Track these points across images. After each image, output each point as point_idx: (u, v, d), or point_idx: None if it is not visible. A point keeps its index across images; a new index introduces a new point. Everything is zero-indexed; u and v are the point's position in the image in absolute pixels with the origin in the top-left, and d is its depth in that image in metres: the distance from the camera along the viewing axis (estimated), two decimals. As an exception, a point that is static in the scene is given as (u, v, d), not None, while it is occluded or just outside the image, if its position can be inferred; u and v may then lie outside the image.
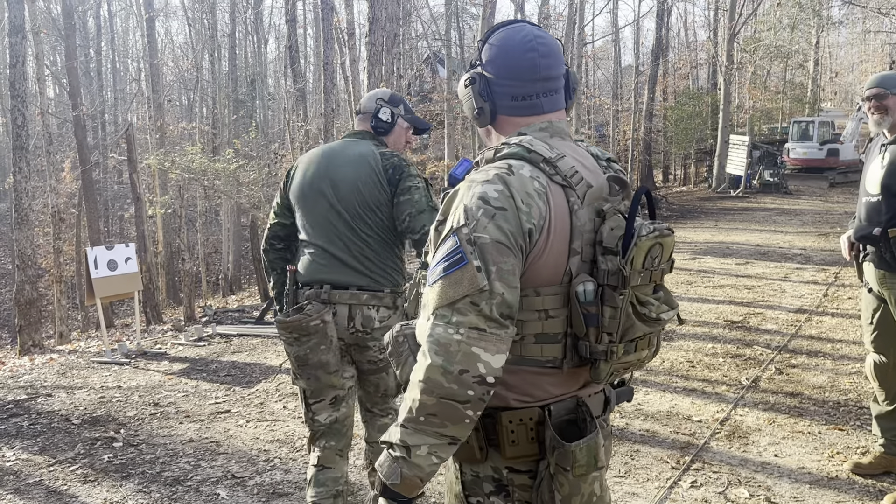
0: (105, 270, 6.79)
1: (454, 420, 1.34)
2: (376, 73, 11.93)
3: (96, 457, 4.16)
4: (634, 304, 1.41)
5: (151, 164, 15.81)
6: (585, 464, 1.39)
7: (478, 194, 1.38)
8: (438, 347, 1.33)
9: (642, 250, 1.39)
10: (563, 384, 1.48)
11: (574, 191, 1.42)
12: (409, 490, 1.39)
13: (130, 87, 31.33)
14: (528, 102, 1.52)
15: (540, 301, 1.41)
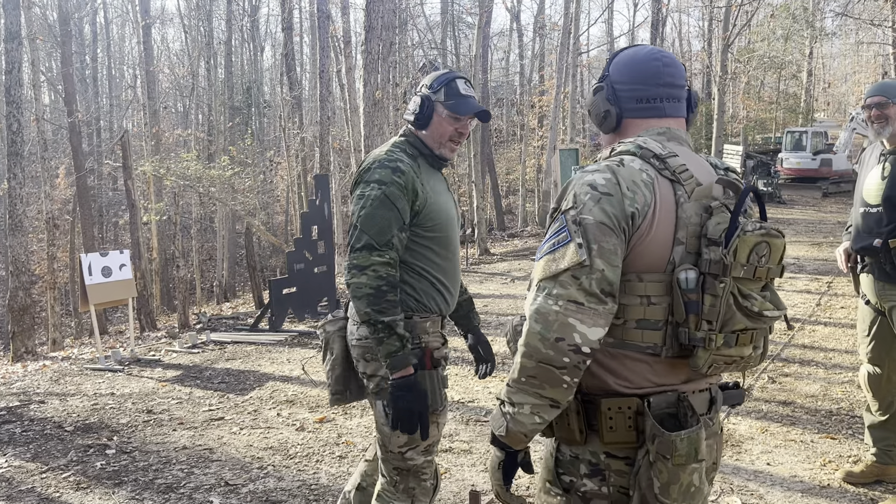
0: (99, 277, 6.79)
1: (552, 383, 1.46)
2: (372, 81, 11.97)
3: (89, 464, 4.15)
4: (736, 296, 1.46)
5: (147, 171, 15.81)
6: (685, 454, 1.44)
7: (587, 181, 1.50)
8: (538, 316, 1.45)
9: (747, 245, 1.46)
10: (664, 375, 1.53)
11: (682, 185, 1.51)
12: (514, 442, 1.54)
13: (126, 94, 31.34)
14: (652, 105, 1.63)
15: (643, 287, 1.49)
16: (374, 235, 2.22)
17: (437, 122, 2.36)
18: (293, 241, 9.28)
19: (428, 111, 2.35)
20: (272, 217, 23.68)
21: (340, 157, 19.89)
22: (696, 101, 1.71)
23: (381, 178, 2.26)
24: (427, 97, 2.36)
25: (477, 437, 4.40)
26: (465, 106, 2.36)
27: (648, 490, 1.46)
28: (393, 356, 2.19)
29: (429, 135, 2.39)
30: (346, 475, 3.88)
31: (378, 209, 2.23)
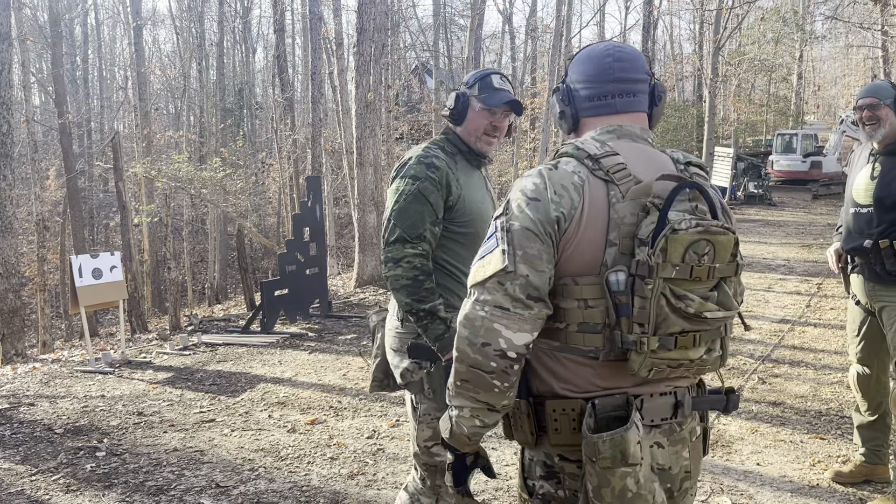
0: (90, 279, 6.76)
1: (484, 388, 1.48)
2: (364, 82, 11.97)
3: (79, 466, 4.13)
4: (668, 297, 1.42)
5: (138, 173, 15.77)
6: (610, 457, 1.41)
7: (520, 187, 1.52)
8: (466, 321, 1.48)
9: (680, 243, 1.41)
10: (610, 378, 1.50)
11: (616, 185, 1.48)
12: (459, 444, 1.58)
13: (117, 96, 31.22)
14: (604, 102, 1.61)
15: (579, 290, 1.48)
16: (406, 229, 2.27)
17: (471, 117, 2.39)
18: (285, 243, 9.27)
19: (462, 106, 2.39)
20: (264, 219, 23.64)
21: (332, 159, 19.87)
22: (660, 92, 1.67)
23: (416, 174, 2.31)
24: (462, 93, 2.40)
25: (468, 438, 4.41)
26: (496, 97, 2.37)
27: (585, 493, 1.46)
28: (440, 339, 2.22)
29: (464, 130, 2.42)
30: (337, 476, 3.88)
31: (411, 203, 2.28)
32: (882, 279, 3.21)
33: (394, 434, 4.52)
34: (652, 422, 1.52)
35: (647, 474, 1.45)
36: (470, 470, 1.64)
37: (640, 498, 1.44)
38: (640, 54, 1.67)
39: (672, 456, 1.54)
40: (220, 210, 17.26)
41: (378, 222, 12.46)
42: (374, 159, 12.23)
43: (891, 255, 3.15)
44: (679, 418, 1.55)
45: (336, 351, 7.04)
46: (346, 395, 5.42)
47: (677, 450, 1.55)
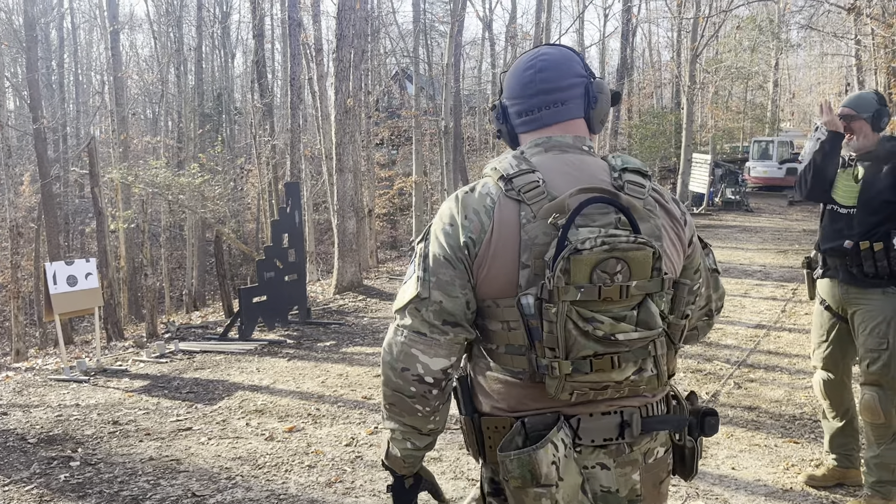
0: (64, 286, 6.68)
1: (408, 411, 1.51)
2: (344, 88, 11.96)
3: (52, 476, 4.08)
4: (574, 321, 1.36)
5: (114, 178, 15.61)
6: (519, 476, 1.38)
7: (440, 213, 1.53)
8: (388, 347, 1.52)
9: (585, 264, 1.35)
10: (542, 398, 1.46)
11: (527, 205, 1.43)
12: (395, 466, 1.60)
13: (93, 100, 30.92)
14: (531, 117, 1.58)
15: (501, 312, 1.46)
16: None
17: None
18: (263, 249, 9.22)
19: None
20: (243, 225, 23.50)
21: (312, 165, 19.82)
22: (596, 92, 1.57)
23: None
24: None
25: (447, 445, 4.41)
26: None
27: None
28: None
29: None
30: (315, 484, 3.87)
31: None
32: (858, 281, 3.24)
33: (372, 441, 4.51)
34: (593, 441, 1.47)
35: (570, 496, 1.40)
36: (411, 493, 1.64)
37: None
38: (571, 56, 1.59)
39: (619, 478, 1.49)
40: (199, 216, 17.14)
41: (357, 229, 12.44)
42: (353, 165, 12.21)
43: (870, 258, 3.19)
44: (627, 439, 1.48)
45: (315, 358, 7.01)
46: (324, 403, 5.40)
47: (626, 472, 1.50)
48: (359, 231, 12.66)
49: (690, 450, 1.59)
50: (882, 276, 3.19)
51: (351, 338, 8.06)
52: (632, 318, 1.39)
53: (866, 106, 3.28)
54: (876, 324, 3.20)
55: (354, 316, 9.61)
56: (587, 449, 1.47)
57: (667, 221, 1.52)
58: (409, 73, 24.94)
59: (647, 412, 1.52)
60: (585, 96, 1.58)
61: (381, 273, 14.71)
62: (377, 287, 12.20)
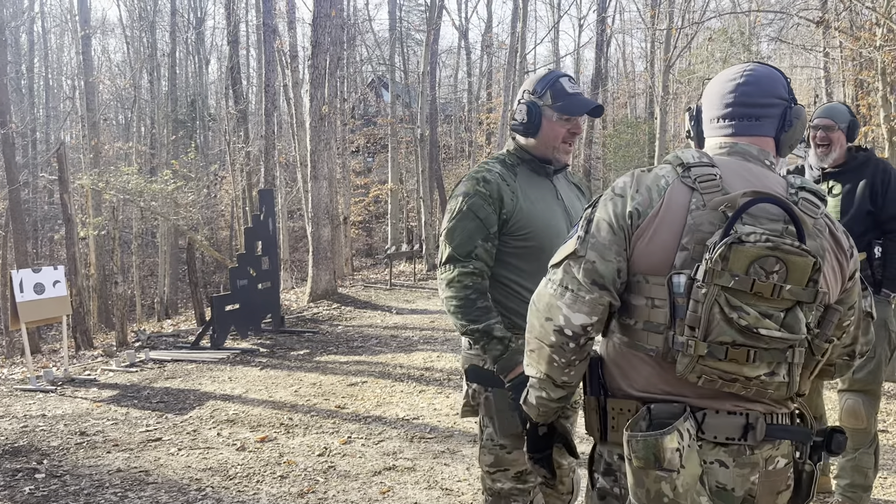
0: (31, 294, 6.55)
1: (545, 359, 1.59)
2: (319, 95, 11.92)
3: (17, 489, 3.98)
4: (721, 305, 1.40)
5: (84, 184, 15.39)
6: (643, 458, 1.42)
7: (612, 185, 1.61)
8: (537, 297, 1.60)
9: (745, 255, 1.39)
10: (674, 384, 1.51)
11: (700, 193, 1.51)
12: (529, 411, 1.69)
13: (64, 105, 30.47)
14: (722, 125, 1.64)
15: (648, 288, 1.52)
16: (455, 248, 2.20)
17: (547, 127, 2.24)
18: (237, 257, 9.14)
19: (536, 118, 2.23)
20: (216, 232, 23.27)
21: (286, 172, 19.70)
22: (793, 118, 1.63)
23: (466, 191, 2.23)
24: (533, 103, 2.25)
25: (421, 454, 4.38)
26: (577, 105, 2.24)
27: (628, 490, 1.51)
28: (499, 360, 2.14)
29: (539, 142, 2.27)
30: (287, 495, 3.81)
31: (460, 221, 2.20)
32: None
33: (345, 451, 4.47)
34: (715, 438, 1.49)
35: (689, 485, 1.42)
36: (544, 441, 1.71)
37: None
38: (777, 77, 1.65)
39: (737, 478, 1.50)
40: (171, 223, 16.95)
41: (332, 236, 12.37)
42: (328, 172, 12.16)
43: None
44: (750, 441, 1.51)
45: (288, 367, 6.94)
46: (297, 412, 5.34)
47: (744, 473, 1.51)
48: (334, 239, 12.60)
49: (809, 473, 1.60)
50: (866, 286, 3.24)
51: (325, 346, 8.00)
52: (778, 319, 1.43)
53: (842, 116, 3.32)
54: None
55: (329, 324, 9.54)
56: (708, 444, 1.50)
57: (832, 246, 1.55)
58: (385, 80, 24.94)
59: (772, 420, 1.54)
60: (781, 118, 1.63)
61: (357, 281, 14.64)
62: (352, 295, 12.14)
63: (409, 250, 15.84)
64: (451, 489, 3.84)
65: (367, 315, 10.31)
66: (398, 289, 13.09)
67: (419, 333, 8.60)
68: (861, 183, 3.27)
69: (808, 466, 1.60)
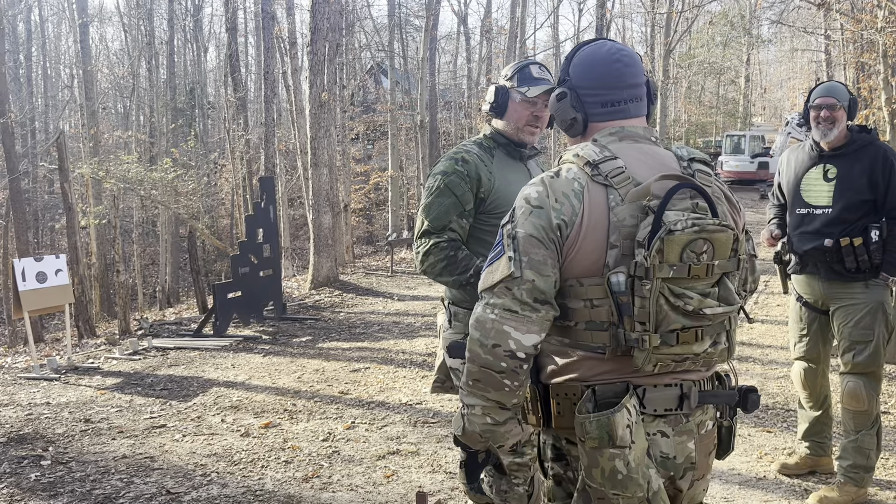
0: (33, 283, 6.56)
1: (494, 387, 1.55)
2: (318, 82, 11.88)
3: (23, 476, 4.01)
4: (667, 296, 1.47)
5: (84, 174, 15.36)
6: (597, 438, 1.47)
7: (524, 195, 1.59)
8: (477, 324, 1.56)
9: (677, 243, 1.45)
10: (616, 370, 1.56)
11: (615, 189, 1.53)
12: (471, 441, 1.65)
13: (62, 94, 30.38)
14: (617, 108, 1.66)
15: (584, 290, 1.55)
16: (431, 221, 2.32)
17: (512, 109, 2.40)
18: (238, 245, 9.14)
19: (503, 99, 2.40)
20: (217, 220, 23.25)
21: (287, 160, 19.67)
22: (655, 91, 1.74)
23: (444, 169, 2.35)
24: (502, 86, 2.42)
25: (424, 438, 4.40)
26: (536, 87, 2.37)
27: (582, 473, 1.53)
28: None
29: (507, 123, 2.43)
30: (291, 480, 3.84)
31: (437, 197, 2.32)
32: (841, 276, 3.28)
33: (349, 436, 4.49)
34: (655, 411, 1.57)
35: (640, 458, 1.49)
36: (482, 466, 1.72)
37: (632, 481, 1.47)
38: (638, 56, 1.72)
39: (677, 446, 1.59)
40: (172, 211, 16.94)
41: (333, 224, 12.37)
42: (328, 160, 12.14)
43: (850, 253, 3.24)
44: (685, 410, 1.59)
45: (291, 354, 6.97)
46: (300, 398, 5.36)
47: (682, 440, 1.60)
48: (334, 226, 12.59)
49: (728, 428, 1.69)
50: (864, 270, 3.25)
51: (327, 333, 8.02)
52: (714, 295, 1.52)
53: (843, 94, 3.31)
54: (860, 316, 3.26)
55: (330, 311, 9.56)
56: (649, 417, 1.57)
57: (730, 209, 1.64)
58: (385, 67, 24.85)
59: (702, 386, 1.63)
60: (648, 94, 1.72)
61: (358, 268, 14.65)
62: (353, 282, 12.15)
63: (409, 237, 15.84)
64: (455, 472, 3.87)
65: (369, 302, 10.33)
66: (399, 275, 13.10)
67: (421, 319, 8.62)
68: (857, 169, 3.25)
69: (726, 423, 1.70)
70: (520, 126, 2.42)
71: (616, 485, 1.47)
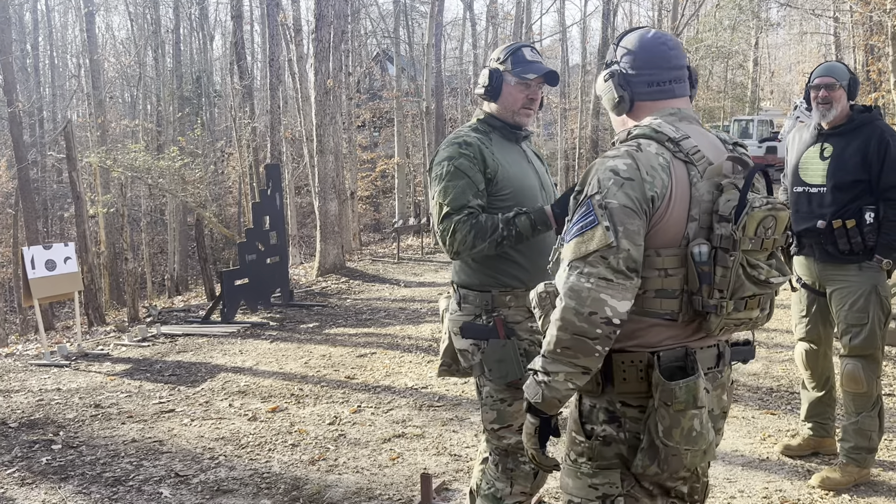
0: (43, 270, 6.62)
1: (585, 353, 1.60)
2: (324, 69, 11.87)
3: (34, 459, 4.07)
4: (745, 266, 1.62)
5: (92, 163, 15.44)
6: (684, 401, 1.59)
7: (609, 167, 1.64)
8: (572, 293, 1.60)
9: (755, 220, 1.60)
10: (677, 335, 1.69)
11: (695, 166, 1.65)
12: (549, 408, 1.69)
13: (70, 84, 30.44)
14: (662, 88, 1.77)
15: (661, 261, 1.65)
16: (450, 203, 2.31)
17: (507, 92, 2.40)
18: (245, 232, 9.18)
19: (497, 82, 2.40)
20: (224, 209, 23.32)
21: (293, 148, 19.68)
22: (696, 76, 1.84)
23: (450, 155, 2.34)
24: (495, 69, 2.41)
25: (429, 422, 4.44)
26: (531, 69, 2.38)
27: (655, 434, 1.62)
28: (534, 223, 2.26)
29: (501, 106, 2.42)
30: (298, 462, 3.89)
31: (451, 181, 2.32)
32: (834, 258, 3.27)
33: (355, 420, 4.54)
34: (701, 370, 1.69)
35: (707, 416, 1.65)
36: (551, 432, 1.76)
37: (702, 437, 1.63)
38: (680, 42, 1.82)
39: (715, 400, 1.75)
40: (179, 200, 17.01)
41: (339, 211, 12.40)
42: (334, 147, 12.15)
43: (843, 235, 3.22)
44: (720, 367, 1.76)
45: (298, 340, 7.02)
46: (307, 383, 5.41)
47: (718, 394, 1.77)
48: (341, 213, 12.62)
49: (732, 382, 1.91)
50: (857, 252, 3.23)
51: (334, 319, 8.06)
52: (773, 266, 1.68)
53: (842, 74, 3.28)
54: (855, 299, 3.25)
55: (337, 298, 9.61)
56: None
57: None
58: (390, 54, 24.78)
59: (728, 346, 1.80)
60: (690, 78, 1.83)
61: (364, 255, 14.69)
62: (360, 269, 12.20)
63: (416, 224, 15.86)
64: (460, 455, 3.90)
65: (376, 288, 10.37)
66: (406, 262, 13.13)
67: (427, 305, 8.65)
68: (853, 148, 3.22)
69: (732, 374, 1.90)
70: (515, 109, 2.41)
71: (690, 441, 1.61)
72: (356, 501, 3.40)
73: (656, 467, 1.63)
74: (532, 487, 2.38)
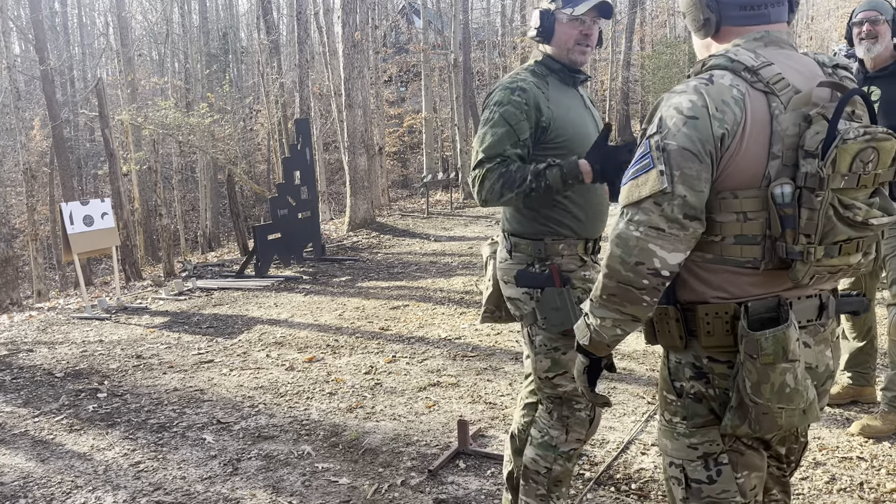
0: (81, 226, 6.73)
1: (632, 301, 1.52)
2: (351, 22, 11.74)
3: (81, 407, 4.19)
4: (836, 207, 1.43)
5: (124, 120, 15.56)
6: (772, 353, 1.45)
7: (673, 104, 1.50)
8: (619, 241, 1.51)
9: (849, 153, 1.41)
10: (764, 284, 1.54)
11: (777, 97, 1.47)
12: (597, 350, 1.64)
13: (98, 42, 30.52)
14: (756, 12, 1.58)
15: (738, 203, 1.49)
16: (485, 150, 2.27)
17: (559, 31, 2.32)
18: (276, 187, 9.22)
19: (548, 22, 2.33)
20: (254, 166, 23.43)
21: (321, 103, 19.61)
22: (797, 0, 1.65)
23: (500, 100, 2.29)
24: (546, 10, 2.34)
25: (464, 371, 4.48)
26: (581, 2, 2.28)
27: (743, 390, 1.50)
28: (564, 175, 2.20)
29: (555, 46, 2.34)
30: (336, 410, 3.96)
31: (493, 127, 2.27)
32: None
33: (390, 369, 4.59)
34: (799, 323, 1.54)
35: (803, 371, 1.50)
36: (601, 371, 1.73)
37: (797, 394, 1.48)
38: None
39: (818, 355, 1.59)
40: (210, 157, 17.11)
41: (368, 166, 12.38)
42: (362, 101, 12.08)
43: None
44: (823, 320, 1.60)
45: (331, 293, 7.09)
46: (342, 335, 5.48)
47: (821, 349, 1.60)
48: (370, 169, 12.60)
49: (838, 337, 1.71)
50: None
51: (366, 273, 8.12)
52: (876, 205, 1.48)
53: (885, 8, 3.19)
54: None
55: (368, 252, 9.66)
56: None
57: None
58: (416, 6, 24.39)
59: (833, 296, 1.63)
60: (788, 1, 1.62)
61: (394, 210, 14.71)
62: (390, 224, 12.22)
63: (445, 179, 15.80)
64: (495, 403, 3.94)
65: (406, 243, 10.39)
66: (435, 217, 13.13)
67: (458, 259, 8.66)
68: None
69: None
70: (570, 47, 2.32)
71: (783, 398, 1.47)
72: (394, 447, 3.46)
73: (747, 427, 1.52)
74: (587, 434, 2.38)
